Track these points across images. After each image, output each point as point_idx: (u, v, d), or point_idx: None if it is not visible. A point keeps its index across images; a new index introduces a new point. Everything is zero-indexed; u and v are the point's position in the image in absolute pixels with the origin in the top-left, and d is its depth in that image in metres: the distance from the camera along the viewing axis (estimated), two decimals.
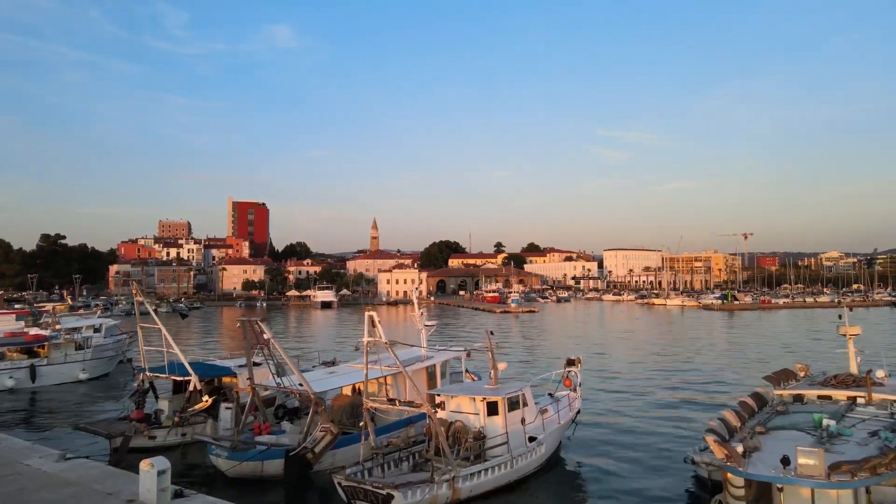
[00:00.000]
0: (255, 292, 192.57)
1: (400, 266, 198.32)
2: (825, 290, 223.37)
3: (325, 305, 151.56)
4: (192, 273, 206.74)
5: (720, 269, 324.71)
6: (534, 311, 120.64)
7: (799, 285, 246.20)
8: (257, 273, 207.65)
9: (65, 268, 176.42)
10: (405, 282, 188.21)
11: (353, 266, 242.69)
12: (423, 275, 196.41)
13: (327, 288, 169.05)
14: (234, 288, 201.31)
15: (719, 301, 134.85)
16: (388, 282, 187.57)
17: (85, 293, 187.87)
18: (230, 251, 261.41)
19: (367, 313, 20.06)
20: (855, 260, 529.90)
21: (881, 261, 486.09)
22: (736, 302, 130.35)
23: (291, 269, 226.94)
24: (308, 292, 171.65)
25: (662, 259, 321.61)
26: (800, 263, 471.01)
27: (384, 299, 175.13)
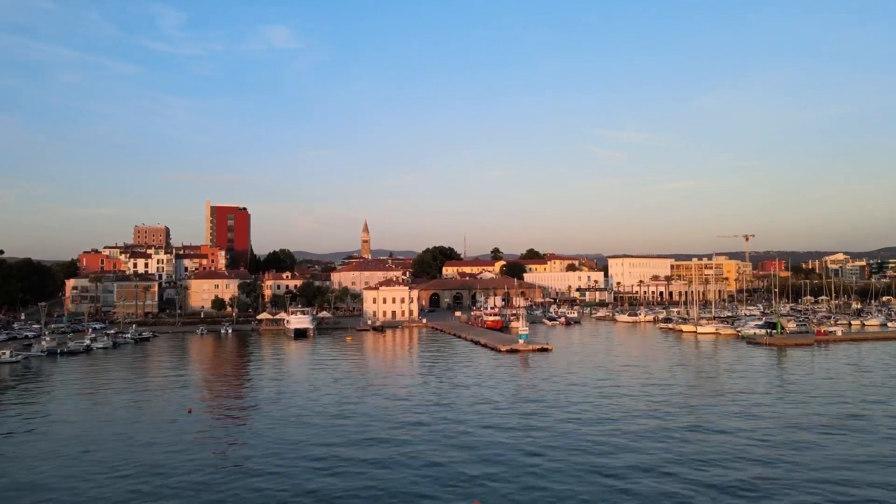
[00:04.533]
0: (229, 310, 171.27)
1: (388, 283, 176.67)
2: (854, 302, 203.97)
3: (300, 334, 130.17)
4: (155, 289, 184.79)
5: (729, 278, 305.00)
6: (547, 350, 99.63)
7: (823, 298, 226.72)
8: (230, 288, 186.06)
9: (2, 286, 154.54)
10: (394, 300, 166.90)
11: (338, 279, 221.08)
12: (415, 292, 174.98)
13: (304, 311, 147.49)
14: (203, 306, 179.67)
15: (763, 331, 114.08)
16: (374, 300, 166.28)
17: (24, 316, 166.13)
18: (205, 261, 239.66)
19: None
20: (863, 263, 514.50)
21: (893, 265, 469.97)
22: (783, 333, 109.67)
23: (269, 282, 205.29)
24: (282, 315, 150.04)
25: (671, 267, 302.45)
26: (804, 266, 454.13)
27: (369, 322, 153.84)
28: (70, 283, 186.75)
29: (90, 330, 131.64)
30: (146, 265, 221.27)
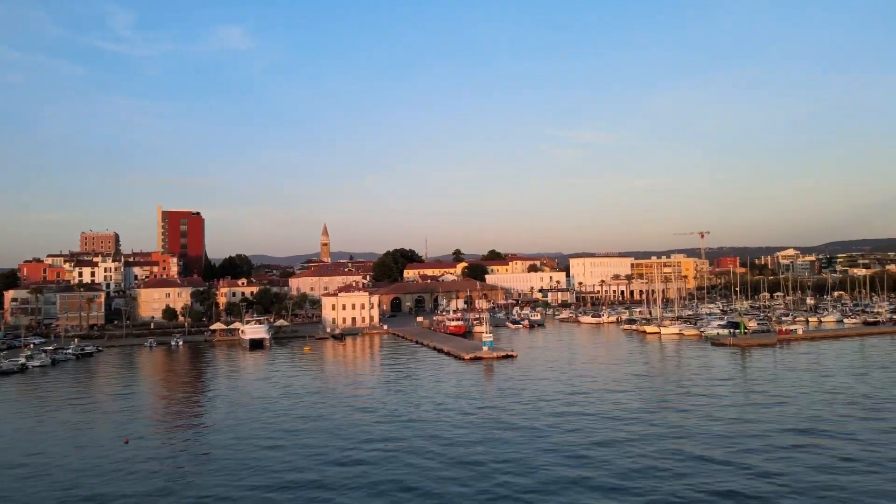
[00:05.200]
0: (181, 319, 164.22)
1: (348, 288, 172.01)
2: (809, 298, 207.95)
3: (255, 345, 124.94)
4: (102, 299, 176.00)
5: (688, 276, 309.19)
6: (512, 357, 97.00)
7: (778, 294, 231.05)
8: (182, 297, 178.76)
9: None
10: (353, 307, 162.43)
11: (296, 284, 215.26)
12: (375, 298, 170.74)
13: (260, 321, 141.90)
14: (153, 316, 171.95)
15: (726, 331, 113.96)
16: (333, 307, 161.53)
17: None
18: (156, 269, 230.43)
19: None
20: (813, 258, 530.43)
21: (841, 259, 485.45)
22: (745, 334, 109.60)
23: (224, 289, 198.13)
24: (236, 325, 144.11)
25: (631, 266, 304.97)
26: (757, 262, 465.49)
27: (328, 329, 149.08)
28: (8, 294, 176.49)
29: (31, 346, 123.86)
30: (93, 274, 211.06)
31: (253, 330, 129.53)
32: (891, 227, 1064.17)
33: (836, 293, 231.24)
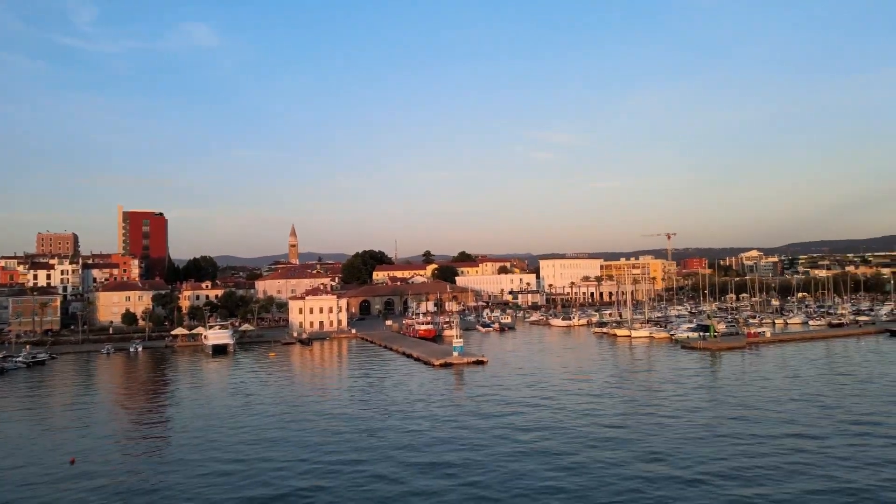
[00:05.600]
0: (142, 324, 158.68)
1: (315, 291, 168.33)
2: (774, 300, 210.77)
3: (218, 351, 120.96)
4: (58, 303, 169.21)
5: (657, 277, 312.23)
6: (482, 363, 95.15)
7: (744, 296, 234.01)
8: (143, 300, 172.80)
9: None
10: (321, 310, 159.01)
11: (262, 287, 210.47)
12: (343, 301, 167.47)
13: (224, 325, 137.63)
14: (112, 321, 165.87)
15: (696, 335, 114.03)
16: (300, 311, 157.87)
17: None
18: (116, 271, 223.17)
19: None
20: (775, 259, 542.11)
21: (803, 260, 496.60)
22: (715, 337, 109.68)
23: (187, 292, 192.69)
24: (199, 329, 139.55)
25: (601, 268, 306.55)
26: (722, 263, 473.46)
27: (295, 334, 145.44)
28: None
29: None
30: (49, 277, 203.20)
31: (216, 335, 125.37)
32: (847, 229, 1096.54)
33: (799, 294, 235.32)
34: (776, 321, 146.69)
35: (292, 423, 59.92)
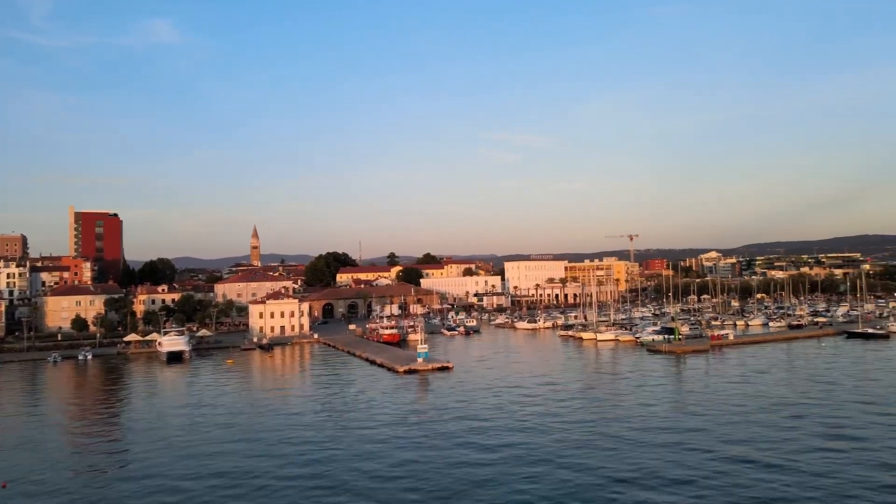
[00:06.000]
0: (93, 330, 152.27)
1: (276, 295, 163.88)
2: (733, 301, 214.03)
3: (173, 358, 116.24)
4: (2, 308, 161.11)
5: (620, 279, 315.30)
6: (447, 369, 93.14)
7: (705, 297, 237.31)
8: (95, 305, 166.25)
9: None
10: (282, 314, 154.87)
11: (222, 290, 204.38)
12: (305, 305, 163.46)
13: (180, 331, 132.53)
14: (61, 327, 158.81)
15: (661, 337, 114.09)
16: (260, 315, 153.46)
17: None
18: (67, 275, 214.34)
19: None
20: (734, 260, 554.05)
21: (760, 262, 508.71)
22: (680, 340, 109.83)
23: (142, 296, 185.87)
24: (154, 336, 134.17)
25: (565, 269, 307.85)
26: (683, 264, 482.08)
27: (255, 339, 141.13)
28: None
29: None
30: None
31: (171, 341, 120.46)
32: (801, 231, 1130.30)
33: (758, 295, 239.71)
34: (738, 323, 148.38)
35: (248, 438, 56.91)
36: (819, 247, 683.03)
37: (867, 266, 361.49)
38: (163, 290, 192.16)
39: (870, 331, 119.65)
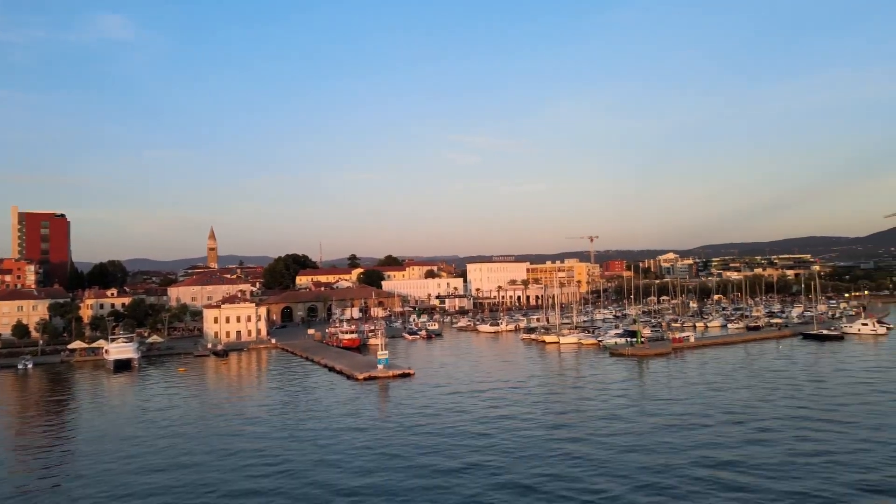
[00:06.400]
0: (36, 336, 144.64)
1: (232, 299, 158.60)
2: (692, 302, 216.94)
3: (121, 366, 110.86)
4: None
5: (581, 281, 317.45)
6: (409, 375, 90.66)
7: (665, 298, 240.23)
8: (38, 310, 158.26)
9: None
10: (238, 319, 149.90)
11: (176, 294, 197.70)
12: (263, 309, 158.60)
13: (130, 337, 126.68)
14: (0, 333, 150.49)
15: (624, 340, 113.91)
16: (215, 320, 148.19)
17: None
18: (9, 278, 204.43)
19: None
20: (690, 261, 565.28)
21: (716, 263, 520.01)
22: (643, 343, 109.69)
23: (90, 301, 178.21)
24: (101, 343, 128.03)
25: (527, 271, 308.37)
26: (642, 266, 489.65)
27: (210, 345, 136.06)
28: None
29: None
30: None
31: (118, 349, 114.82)
32: (753, 232, 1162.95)
33: (715, 296, 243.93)
34: (697, 324, 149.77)
35: (194, 452, 53.46)
36: (770, 248, 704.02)
37: (817, 267, 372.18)
38: (112, 293, 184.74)
39: (825, 332, 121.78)
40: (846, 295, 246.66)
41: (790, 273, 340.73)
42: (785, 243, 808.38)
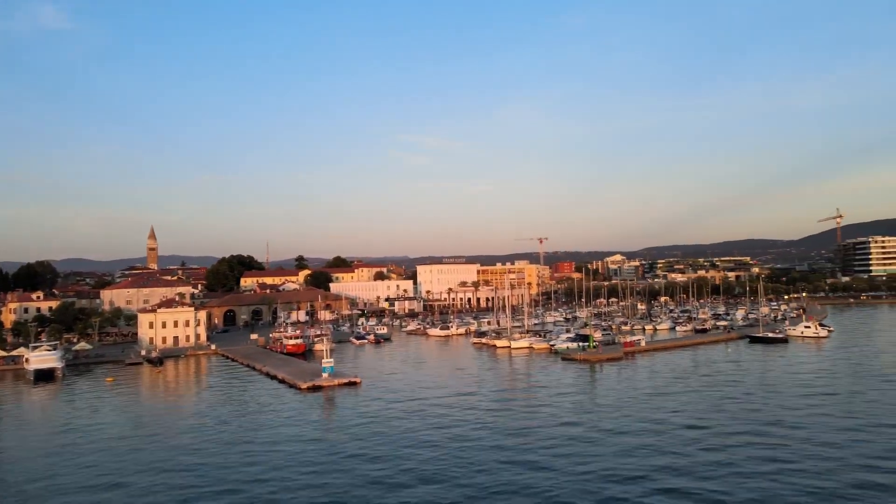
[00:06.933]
0: None
1: (169, 303, 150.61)
2: (639, 304, 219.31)
3: (42, 376, 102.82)
4: None
5: (532, 282, 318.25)
6: (355, 384, 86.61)
7: (613, 300, 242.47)
8: None
9: None
10: (176, 324, 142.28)
11: (109, 297, 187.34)
12: (203, 313, 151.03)
13: (53, 345, 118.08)
14: None
15: (576, 345, 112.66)
16: (151, 325, 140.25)
17: None
18: None
19: None
20: (636, 263, 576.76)
21: (661, 265, 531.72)
22: (595, 348, 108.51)
23: (13, 305, 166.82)
24: (21, 351, 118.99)
25: (478, 272, 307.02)
26: (590, 267, 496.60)
27: (143, 352, 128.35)
28: None
29: None
30: None
31: (40, 357, 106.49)
32: (695, 234, 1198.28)
33: (662, 298, 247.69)
34: (646, 328, 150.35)
35: (117, 472, 48.31)
36: (711, 250, 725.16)
37: (756, 269, 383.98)
38: (38, 296, 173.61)
39: (770, 335, 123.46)
40: (785, 297, 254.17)
41: (731, 275, 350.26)
42: (725, 245, 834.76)
